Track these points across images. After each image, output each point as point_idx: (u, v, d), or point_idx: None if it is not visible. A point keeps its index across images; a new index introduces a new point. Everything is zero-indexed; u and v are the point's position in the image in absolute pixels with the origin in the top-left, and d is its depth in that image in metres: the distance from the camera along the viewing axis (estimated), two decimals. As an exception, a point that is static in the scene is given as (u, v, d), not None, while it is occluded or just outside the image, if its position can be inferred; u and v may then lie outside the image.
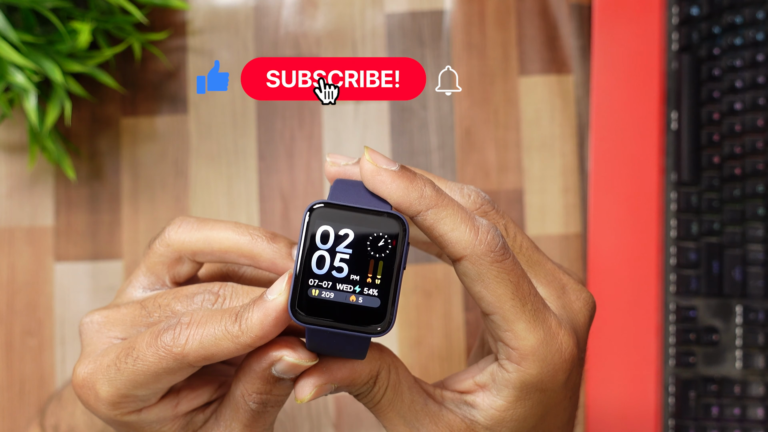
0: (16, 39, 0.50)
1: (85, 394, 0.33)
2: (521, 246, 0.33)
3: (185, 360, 0.31)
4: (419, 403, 0.33)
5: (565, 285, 0.34)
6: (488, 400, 0.33)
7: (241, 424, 0.34)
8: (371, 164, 0.31)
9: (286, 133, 0.60)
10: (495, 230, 0.31)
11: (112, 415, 0.33)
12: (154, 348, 0.31)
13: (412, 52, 0.60)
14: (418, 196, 0.30)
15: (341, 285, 0.29)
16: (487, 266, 0.30)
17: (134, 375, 0.32)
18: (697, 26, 0.59)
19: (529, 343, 0.31)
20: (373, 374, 0.32)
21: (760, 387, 0.56)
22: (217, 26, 0.61)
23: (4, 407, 0.58)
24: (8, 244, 0.59)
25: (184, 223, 0.35)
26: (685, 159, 0.58)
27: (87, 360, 0.34)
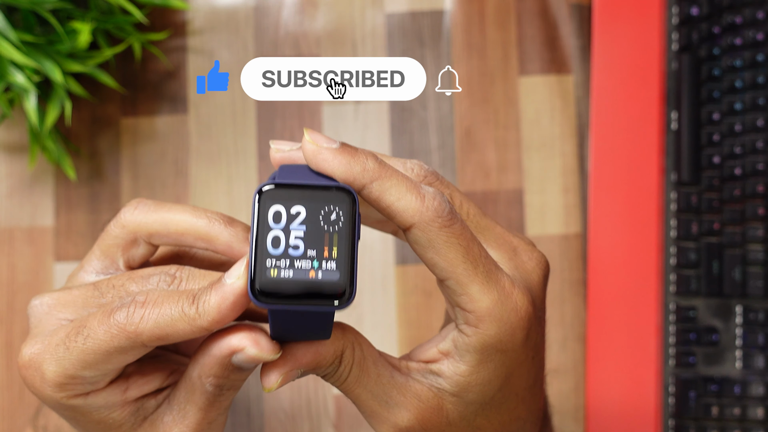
0: (16, 39, 0.50)
1: (31, 376, 0.32)
2: (468, 213, 0.34)
3: (138, 339, 0.31)
4: (386, 377, 0.33)
5: (516, 247, 0.34)
6: (452, 366, 0.33)
7: (196, 407, 0.33)
8: (312, 144, 0.31)
9: (286, 133, 0.60)
10: (441, 196, 0.31)
11: (58, 397, 0.32)
12: (106, 326, 0.31)
13: (412, 52, 0.60)
14: (360, 169, 0.31)
15: (299, 262, 0.29)
16: (436, 232, 0.31)
17: (84, 354, 0.31)
18: (697, 26, 0.59)
19: (485, 305, 0.31)
20: (338, 354, 0.32)
21: (760, 387, 0.56)
22: (217, 26, 0.61)
23: (4, 407, 0.58)
24: (8, 244, 0.59)
25: (141, 205, 0.35)
26: (685, 159, 0.58)
27: (34, 340, 0.33)
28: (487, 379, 0.33)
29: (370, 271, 0.58)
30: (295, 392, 0.58)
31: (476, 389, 0.33)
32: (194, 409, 0.34)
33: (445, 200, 0.31)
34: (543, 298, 0.35)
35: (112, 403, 0.33)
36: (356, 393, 0.33)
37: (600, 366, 0.57)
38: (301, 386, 0.58)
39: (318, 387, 0.58)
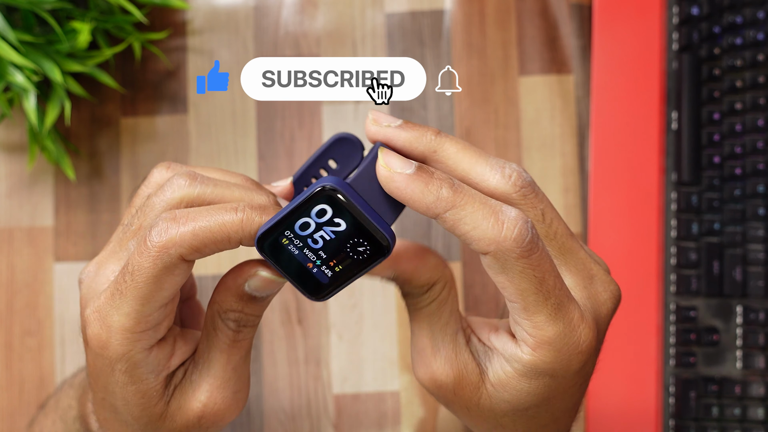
0: (15, 39, 0.50)
1: (96, 334, 0.33)
2: (556, 233, 0.33)
3: (178, 251, 0.31)
4: (452, 330, 0.33)
5: (594, 275, 0.34)
6: (502, 363, 0.33)
7: (218, 351, 0.34)
8: (385, 169, 0.31)
9: (286, 133, 0.60)
10: (524, 222, 0.30)
11: (126, 350, 0.33)
12: (146, 253, 0.31)
13: (412, 52, 0.60)
14: (434, 199, 0.30)
15: (308, 252, 0.31)
16: (512, 261, 0.30)
17: (136, 290, 0.32)
18: (697, 26, 0.59)
19: (547, 334, 0.31)
20: (431, 282, 0.33)
21: (761, 387, 0.56)
22: (217, 26, 0.60)
23: (4, 407, 0.58)
24: (8, 244, 0.59)
25: (173, 165, 0.36)
26: (686, 159, 0.58)
27: (91, 303, 0.33)
28: (527, 392, 0.33)
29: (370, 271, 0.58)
30: (295, 392, 0.58)
31: (513, 394, 0.33)
32: (217, 354, 0.34)
33: (528, 226, 0.30)
34: (606, 329, 0.35)
35: (160, 368, 0.34)
36: (421, 325, 0.33)
37: (600, 366, 0.57)
38: (301, 386, 0.58)
39: (318, 387, 0.58)
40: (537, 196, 0.32)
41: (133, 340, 0.33)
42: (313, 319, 0.58)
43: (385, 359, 0.58)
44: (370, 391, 0.58)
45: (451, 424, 0.58)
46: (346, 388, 0.58)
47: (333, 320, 0.58)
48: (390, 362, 0.58)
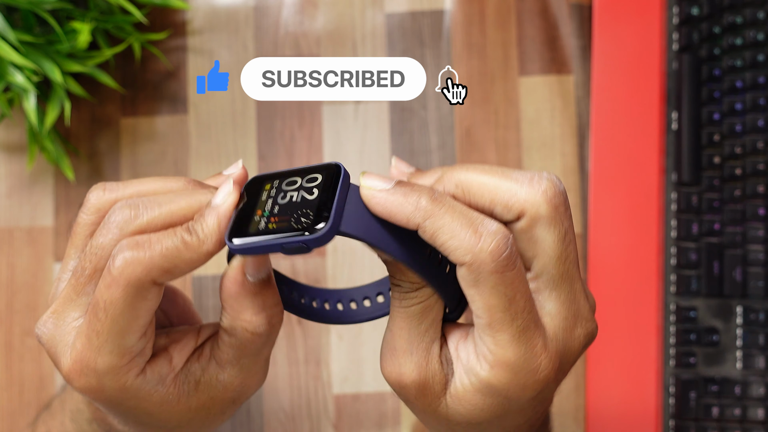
0: (15, 39, 0.50)
1: (86, 382, 0.32)
2: (567, 257, 0.32)
3: (148, 277, 0.30)
4: (429, 339, 0.33)
5: (579, 309, 0.33)
6: (460, 375, 0.33)
7: (252, 355, 0.34)
8: (367, 189, 0.31)
9: (286, 133, 0.60)
10: (503, 237, 0.30)
11: (122, 384, 0.32)
12: (114, 285, 0.31)
13: (412, 52, 0.60)
14: (412, 208, 0.30)
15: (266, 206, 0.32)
16: (486, 275, 0.30)
17: (114, 325, 0.31)
18: (697, 26, 0.59)
19: (507, 355, 0.31)
20: (424, 282, 0.32)
21: (761, 387, 0.56)
22: (217, 26, 0.60)
23: (4, 407, 0.58)
24: (8, 244, 0.59)
25: (108, 185, 0.34)
26: (686, 159, 0.58)
27: (65, 354, 0.33)
28: (480, 408, 0.33)
29: (370, 270, 0.58)
30: (295, 392, 0.58)
31: (467, 408, 0.33)
32: (249, 359, 0.34)
33: (507, 242, 0.30)
34: (573, 364, 0.34)
35: (164, 376, 0.34)
36: (401, 324, 0.33)
37: (600, 366, 0.57)
38: (301, 386, 0.58)
39: (318, 387, 0.58)
40: (566, 212, 0.32)
41: (124, 373, 0.32)
42: (313, 319, 0.58)
43: (385, 359, 0.58)
44: (370, 391, 0.58)
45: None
46: (346, 388, 0.58)
47: (333, 320, 0.58)
48: (390, 362, 0.58)
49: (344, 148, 0.59)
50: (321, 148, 0.59)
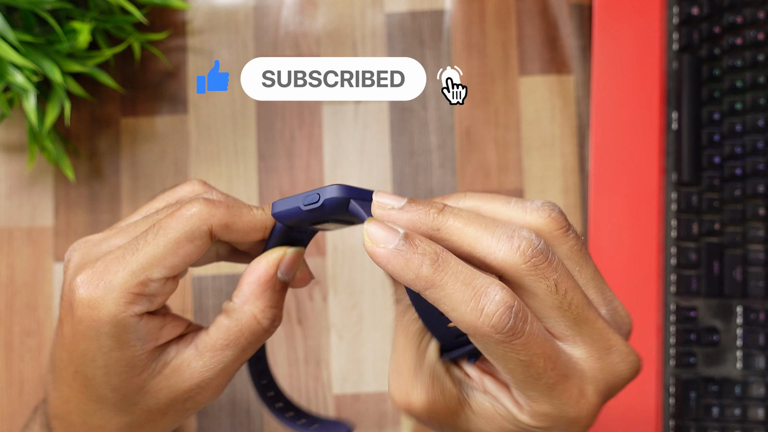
0: (15, 39, 0.50)
1: (89, 290, 0.33)
2: (570, 304, 0.31)
3: (209, 222, 0.34)
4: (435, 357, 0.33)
5: (612, 346, 0.32)
6: (491, 401, 0.33)
7: (239, 349, 0.35)
8: (369, 243, 0.30)
9: (286, 133, 0.60)
10: (506, 308, 0.29)
11: (115, 311, 0.33)
12: (178, 218, 0.34)
13: (412, 52, 0.60)
14: (413, 277, 0.30)
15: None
16: (493, 345, 0.29)
17: (155, 247, 0.33)
18: (697, 26, 0.59)
19: (542, 408, 0.31)
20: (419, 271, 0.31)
21: (761, 387, 0.56)
22: (217, 26, 0.60)
23: (4, 407, 0.58)
24: (8, 244, 0.59)
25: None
26: (686, 159, 0.58)
27: (89, 265, 0.34)
28: (510, 430, 0.32)
29: (370, 271, 0.58)
30: (295, 392, 0.58)
31: (495, 427, 0.33)
32: (232, 352, 0.35)
33: (511, 312, 0.29)
34: (615, 395, 0.34)
35: (148, 339, 0.34)
36: (406, 344, 0.32)
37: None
38: (301, 386, 0.58)
39: (318, 387, 0.58)
40: (551, 265, 0.30)
41: (128, 302, 0.33)
42: (313, 320, 0.58)
43: (385, 359, 0.58)
44: (370, 391, 0.58)
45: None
46: (346, 388, 0.58)
47: (333, 320, 0.58)
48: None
49: (344, 148, 0.59)
50: (321, 148, 0.59)
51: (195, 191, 0.38)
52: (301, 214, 0.34)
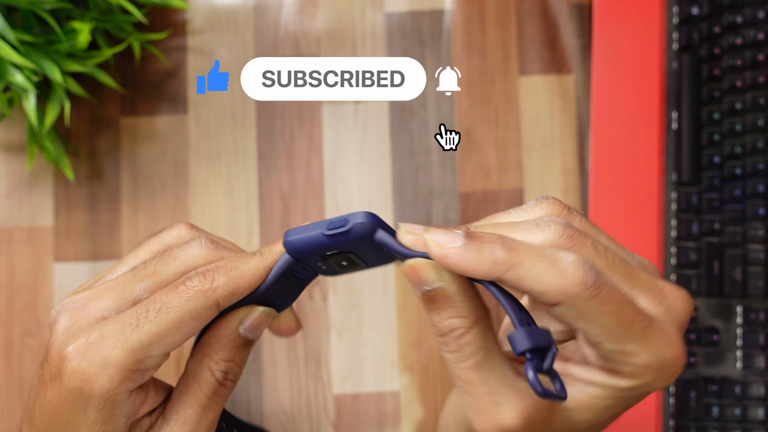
0: (15, 39, 0.50)
1: (81, 369, 0.32)
2: (614, 261, 0.32)
3: (213, 296, 0.33)
4: (507, 376, 0.32)
5: (662, 288, 0.33)
6: (582, 388, 0.32)
7: (196, 406, 0.34)
8: (436, 248, 0.30)
9: (285, 132, 0.60)
10: (583, 263, 0.29)
11: (112, 387, 0.32)
12: (180, 294, 0.33)
13: (412, 52, 0.60)
14: (490, 264, 0.30)
15: None
16: (585, 305, 0.29)
17: (157, 326, 0.32)
18: (697, 26, 0.59)
19: (643, 360, 0.31)
20: (474, 315, 0.31)
21: (761, 387, 0.56)
22: (217, 26, 0.60)
23: (4, 407, 0.58)
24: (7, 244, 0.59)
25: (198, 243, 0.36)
26: (686, 159, 0.58)
27: (80, 333, 0.33)
28: (614, 406, 0.32)
29: (370, 271, 0.58)
30: (295, 392, 0.58)
31: (597, 412, 0.32)
32: (192, 410, 0.34)
33: (588, 267, 0.29)
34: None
35: (133, 410, 0.34)
36: (474, 381, 0.32)
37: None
38: (301, 386, 0.58)
39: (318, 387, 0.58)
40: (582, 234, 0.31)
41: (123, 378, 0.32)
42: (313, 319, 0.58)
43: (385, 359, 0.58)
44: (370, 391, 0.58)
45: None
46: (346, 388, 0.58)
47: (333, 320, 0.58)
48: (390, 362, 0.58)
49: (344, 148, 0.59)
50: (321, 148, 0.59)
51: (182, 237, 0.37)
52: (320, 241, 0.33)
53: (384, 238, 0.33)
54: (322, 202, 0.59)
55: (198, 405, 0.34)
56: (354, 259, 0.34)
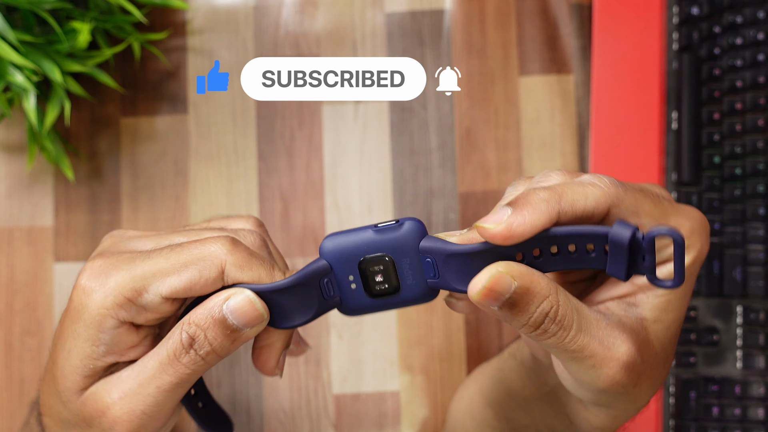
0: (15, 39, 0.50)
1: (88, 281, 0.33)
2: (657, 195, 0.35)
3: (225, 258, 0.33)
4: (602, 319, 0.33)
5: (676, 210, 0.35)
6: (650, 296, 0.33)
7: (158, 360, 0.34)
8: (495, 227, 0.31)
9: (285, 133, 0.60)
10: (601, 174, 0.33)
11: (102, 306, 0.33)
12: (198, 244, 0.33)
13: (412, 52, 0.60)
14: (546, 206, 0.31)
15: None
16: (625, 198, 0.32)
17: (163, 263, 0.33)
18: (697, 26, 0.59)
19: (687, 226, 0.33)
20: (552, 290, 0.32)
21: (761, 387, 0.56)
22: (217, 26, 0.60)
23: (4, 407, 0.58)
24: (8, 244, 0.59)
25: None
26: (686, 159, 0.58)
27: (104, 256, 0.34)
28: (684, 294, 0.34)
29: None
30: (295, 392, 0.58)
31: (676, 305, 0.34)
32: (151, 362, 0.34)
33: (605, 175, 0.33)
34: None
35: (117, 346, 0.34)
36: (582, 342, 0.32)
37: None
38: (301, 386, 0.58)
39: (318, 387, 0.58)
40: (624, 183, 0.34)
41: (116, 303, 0.33)
42: (313, 319, 0.58)
43: (385, 359, 0.58)
44: (370, 391, 0.58)
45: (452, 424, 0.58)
46: (346, 388, 0.58)
47: (333, 320, 0.58)
48: (390, 362, 0.58)
49: (344, 148, 0.59)
50: (321, 148, 0.59)
51: (245, 226, 0.38)
52: (365, 238, 0.32)
53: (432, 243, 0.32)
54: (322, 202, 0.59)
55: (158, 360, 0.34)
56: (390, 274, 0.33)
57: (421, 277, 0.33)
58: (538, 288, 0.31)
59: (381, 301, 0.34)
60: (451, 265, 0.32)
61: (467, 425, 0.49)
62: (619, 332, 0.32)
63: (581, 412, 0.38)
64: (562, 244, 0.32)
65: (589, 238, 0.31)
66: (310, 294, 0.33)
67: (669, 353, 0.35)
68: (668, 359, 0.35)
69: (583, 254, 0.32)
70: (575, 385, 0.35)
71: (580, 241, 0.32)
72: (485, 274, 0.31)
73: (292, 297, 0.33)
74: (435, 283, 0.33)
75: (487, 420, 0.47)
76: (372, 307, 0.34)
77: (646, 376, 0.34)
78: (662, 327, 0.34)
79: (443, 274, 0.33)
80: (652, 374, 0.34)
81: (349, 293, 0.34)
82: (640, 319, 0.33)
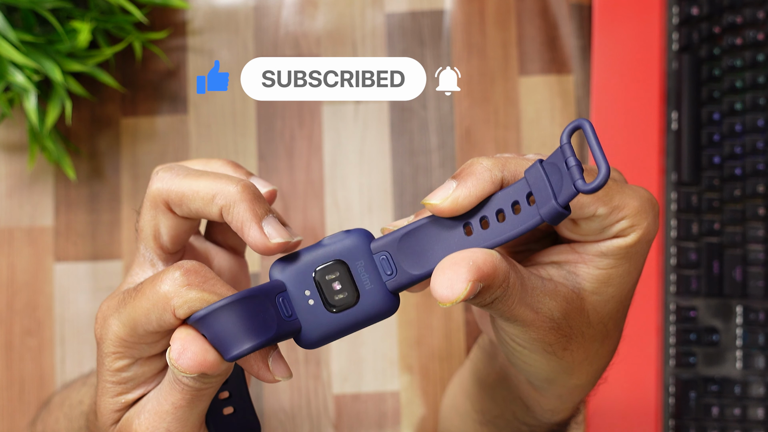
0: (16, 39, 0.50)
1: (99, 328, 0.33)
2: None
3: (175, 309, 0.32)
4: (539, 287, 0.33)
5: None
6: (594, 264, 0.34)
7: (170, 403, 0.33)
8: (443, 201, 0.32)
9: (286, 133, 0.60)
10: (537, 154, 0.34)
11: (111, 351, 0.33)
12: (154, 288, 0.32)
13: (412, 52, 0.60)
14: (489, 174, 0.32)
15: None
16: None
17: (134, 310, 0.32)
18: (697, 26, 0.59)
19: (633, 206, 0.33)
20: (507, 272, 0.32)
21: (761, 387, 0.56)
22: (217, 26, 0.60)
23: (4, 407, 0.58)
24: (8, 244, 0.59)
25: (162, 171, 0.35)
26: (686, 159, 0.58)
27: (114, 295, 0.34)
28: (626, 271, 0.34)
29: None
30: (295, 392, 0.58)
31: (617, 280, 0.34)
32: (169, 406, 0.33)
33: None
34: None
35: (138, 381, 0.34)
36: (518, 312, 0.33)
37: (600, 366, 0.57)
38: (301, 386, 0.58)
39: (318, 387, 0.58)
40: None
41: (122, 347, 0.33)
42: (313, 319, 0.58)
43: (385, 359, 0.58)
44: (370, 391, 0.58)
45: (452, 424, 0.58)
46: (346, 388, 0.58)
47: (333, 320, 0.58)
48: (390, 362, 0.58)
49: (344, 148, 0.59)
50: (321, 148, 0.59)
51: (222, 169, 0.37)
52: (316, 249, 0.32)
53: (382, 238, 0.32)
54: (322, 202, 0.59)
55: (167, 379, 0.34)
56: (345, 280, 0.32)
57: (379, 279, 0.33)
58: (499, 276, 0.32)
59: (342, 317, 0.33)
60: (405, 251, 0.32)
61: (454, 420, 0.50)
62: (549, 298, 0.33)
63: (531, 394, 0.39)
64: (498, 208, 0.32)
65: (514, 194, 0.32)
66: (266, 310, 0.32)
67: (609, 329, 0.35)
68: (608, 335, 0.35)
69: (528, 211, 0.32)
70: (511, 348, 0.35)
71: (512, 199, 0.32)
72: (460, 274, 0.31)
73: (246, 308, 0.31)
74: (394, 282, 0.33)
75: (468, 412, 0.47)
76: (334, 326, 0.33)
77: (578, 344, 0.34)
78: (600, 300, 0.34)
79: (400, 265, 0.33)
80: (585, 344, 0.34)
81: (308, 312, 0.33)
82: (577, 289, 0.34)
